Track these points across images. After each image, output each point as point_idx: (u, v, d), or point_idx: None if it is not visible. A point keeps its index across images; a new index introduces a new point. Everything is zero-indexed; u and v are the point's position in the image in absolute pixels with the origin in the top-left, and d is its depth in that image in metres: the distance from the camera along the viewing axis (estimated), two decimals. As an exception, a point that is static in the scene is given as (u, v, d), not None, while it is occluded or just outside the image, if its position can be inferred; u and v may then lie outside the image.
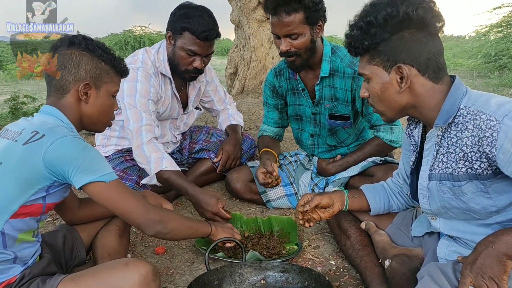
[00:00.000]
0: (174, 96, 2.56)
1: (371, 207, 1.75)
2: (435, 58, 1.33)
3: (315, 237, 2.15)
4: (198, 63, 2.36)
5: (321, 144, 2.46)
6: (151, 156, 2.27)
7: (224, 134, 2.80)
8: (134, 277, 1.31)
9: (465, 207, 1.36)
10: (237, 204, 2.58)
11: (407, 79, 1.33)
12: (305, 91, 2.35)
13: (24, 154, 1.34)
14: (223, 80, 6.69)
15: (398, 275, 1.54)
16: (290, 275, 1.68)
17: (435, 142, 1.39)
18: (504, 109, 1.22)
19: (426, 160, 1.43)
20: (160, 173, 2.25)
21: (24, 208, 1.34)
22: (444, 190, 1.39)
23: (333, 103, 2.30)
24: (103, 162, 1.43)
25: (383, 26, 1.31)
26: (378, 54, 1.35)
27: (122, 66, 1.60)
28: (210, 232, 1.79)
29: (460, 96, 1.32)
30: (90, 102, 1.53)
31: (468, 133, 1.28)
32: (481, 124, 1.24)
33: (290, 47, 2.12)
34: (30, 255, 1.42)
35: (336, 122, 2.33)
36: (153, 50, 2.49)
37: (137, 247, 2.12)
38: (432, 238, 1.57)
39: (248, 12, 5.33)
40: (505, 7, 11.38)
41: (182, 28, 2.31)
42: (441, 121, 1.33)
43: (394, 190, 1.76)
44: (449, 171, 1.36)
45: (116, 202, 1.42)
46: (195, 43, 2.31)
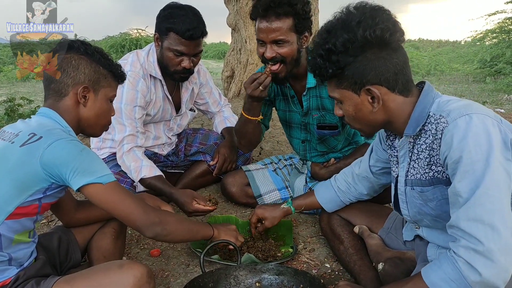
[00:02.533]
0: (166, 98, 2.57)
1: (319, 201, 1.94)
2: (402, 70, 1.32)
3: (311, 240, 2.16)
4: (186, 63, 2.35)
5: (312, 150, 2.45)
6: (131, 166, 2.33)
7: (220, 137, 2.80)
8: (129, 279, 1.31)
9: (434, 214, 1.39)
10: (233, 207, 2.59)
11: (379, 100, 1.33)
12: (294, 98, 2.31)
13: (21, 156, 1.34)
14: (219, 83, 6.70)
15: (391, 278, 1.55)
16: (285, 277, 1.68)
17: (407, 149, 1.42)
18: (458, 112, 1.23)
19: (402, 166, 1.46)
20: (142, 180, 2.32)
21: (20, 209, 1.34)
22: (415, 196, 1.42)
23: (320, 112, 2.26)
24: (100, 164, 1.43)
25: (344, 52, 1.29)
26: (345, 78, 1.33)
27: (119, 71, 1.62)
28: (212, 235, 1.78)
29: (429, 103, 1.33)
30: (88, 105, 1.53)
31: (432, 138, 1.30)
32: (439, 127, 1.26)
33: (276, 53, 2.03)
34: (26, 256, 1.42)
35: (325, 132, 2.30)
36: (143, 53, 2.49)
37: (132, 250, 2.12)
38: (423, 242, 1.57)
39: (244, 15, 5.34)
40: (499, 14, 11.45)
41: (167, 29, 2.31)
42: (410, 130, 1.35)
43: (341, 187, 1.87)
44: (418, 176, 1.39)
45: (114, 203, 1.42)
46: (181, 42, 2.30)
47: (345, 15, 1.32)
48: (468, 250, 1.14)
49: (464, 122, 1.20)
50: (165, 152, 2.72)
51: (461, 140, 1.19)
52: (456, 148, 1.19)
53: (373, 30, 1.27)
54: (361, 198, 1.86)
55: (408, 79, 1.35)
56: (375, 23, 1.27)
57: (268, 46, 2.04)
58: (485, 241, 1.12)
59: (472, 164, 1.16)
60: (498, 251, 1.11)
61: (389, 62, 1.30)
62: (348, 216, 1.89)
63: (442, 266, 1.20)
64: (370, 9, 1.31)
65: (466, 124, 1.20)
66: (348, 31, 1.28)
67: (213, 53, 24.92)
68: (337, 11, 1.36)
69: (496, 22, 11.73)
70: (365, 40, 1.27)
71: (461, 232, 1.17)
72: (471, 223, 1.15)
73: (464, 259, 1.14)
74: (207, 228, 1.78)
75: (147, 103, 2.46)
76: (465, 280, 1.14)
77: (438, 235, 1.45)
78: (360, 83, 1.32)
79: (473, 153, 1.16)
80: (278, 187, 2.49)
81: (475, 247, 1.13)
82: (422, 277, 1.24)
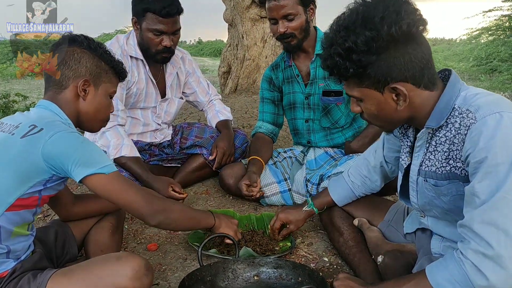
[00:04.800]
0: (150, 81, 2.59)
1: (334, 199, 1.88)
2: (428, 64, 1.25)
3: (309, 234, 2.15)
4: (167, 41, 2.42)
5: (316, 129, 2.53)
6: (111, 142, 2.35)
7: (215, 131, 2.80)
8: (127, 271, 1.30)
9: (446, 208, 1.35)
10: (230, 201, 2.58)
11: (405, 97, 1.25)
12: (299, 76, 2.49)
13: (22, 147, 1.33)
14: (216, 79, 6.68)
15: (391, 270, 1.54)
16: (283, 271, 1.67)
17: (425, 140, 1.36)
18: (488, 109, 1.16)
19: (417, 155, 1.41)
20: (119, 158, 2.33)
21: (21, 200, 1.34)
22: (428, 188, 1.38)
23: (326, 81, 2.43)
24: (102, 154, 1.43)
25: (367, 51, 1.20)
26: (367, 77, 1.24)
27: (121, 68, 1.62)
28: (214, 225, 1.77)
29: (455, 95, 1.26)
30: (88, 99, 1.53)
31: (455, 132, 1.24)
32: (466, 122, 1.20)
33: (287, 28, 2.28)
34: (24, 249, 1.41)
35: (330, 99, 2.43)
36: (123, 36, 2.57)
37: (129, 244, 2.11)
38: (425, 235, 1.56)
39: (241, 10, 5.33)
40: (495, 11, 11.50)
41: (143, 10, 2.38)
42: (433, 122, 1.29)
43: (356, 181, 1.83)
44: (433, 169, 1.34)
45: (118, 193, 1.42)
46: (159, 21, 2.37)
47: (365, 9, 1.22)
48: (477, 254, 1.12)
49: (494, 120, 1.13)
50: (158, 140, 2.72)
51: (488, 140, 1.12)
52: (483, 148, 1.13)
53: (399, 26, 1.17)
54: (374, 190, 1.84)
55: (433, 72, 1.27)
56: (401, 17, 1.18)
57: (280, 22, 2.29)
58: (496, 246, 1.09)
59: (495, 166, 1.11)
60: (509, 258, 1.09)
61: (414, 57, 1.22)
62: (348, 208, 1.88)
63: (449, 266, 1.18)
64: (393, 1, 1.21)
65: (496, 123, 1.13)
66: (371, 28, 1.18)
67: (210, 51, 24.92)
68: (351, 3, 1.26)
69: (492, 19, 11.78)
70: (390, 37, 1.18)
71: (473, 233, 1.14)
72: (485, 226, 1.11)
73: (472, 262, 1.12)
74: (210, 217, 1.77)
75: (127, 81, 2.49)
76: (471, 283, 1.12)
77: (444, 227, 1.43)
78: (384, 81, 1.24)
79: (499, 155, 1.11)
80: (277, 180, 2.48)
81: (484, 251, 1.11)
82: (426, 276, 1.22)
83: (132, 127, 2.63)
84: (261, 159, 2.49)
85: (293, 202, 2.45)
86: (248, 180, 2.33)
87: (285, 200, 2.46)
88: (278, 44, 5.44)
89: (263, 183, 2.45)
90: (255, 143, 2.61)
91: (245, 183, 2.33)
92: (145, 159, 2.63)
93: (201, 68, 18.66)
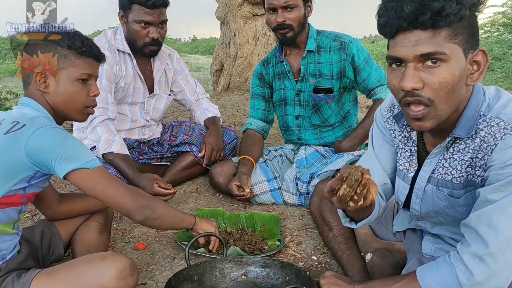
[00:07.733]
0: (138, 76, 2.59)
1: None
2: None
3: (298, 233, 2.15)
4: (154, 33, 2.43)
5: (306, 126, 2.54)
6: (102, 137, 2.35)
7: (204, 128, 2.80)
8: (111, 271, 1.29)
9: (459, 217, 1.26)
10: (220, 200, 2.56)
11: (483, 69, 1.11)
12: (290, 72, 2.49)
13: (5, 144, 1.31)
14: (208, 77, 6.66)
15: (379, 269, 1.54)
16: (271, 270, 1.66)
17: (443, 147, 1.26)
18: None
19: (429, 161, 1.30)
20: (107, 154, 2.33)
21: (5, 198, 1.32)
22: (441, 197, 1.30)
23: (317, 79, 2.43)
24: (85, 149, 1.41)
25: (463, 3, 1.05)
26: (462, 31, 1.07)
27: (80, 44, 1.47)
28: (194, 223, 1.78)
29: (481, 100, 1.16)
30: (51, 91, 1.46)
31: (480, 141, 1.15)
32: (496, 132, 1.12)
33: (286, 19, 2.28)
34: (10, 248, 1.40)
35: (320, 96, 2.43)
36: (110, 31, 2.58)
37: (117, 244, 2.10)
38: (415, 235, 1.56)
39: (234, 8, 5.31)
40: (489, 7, 11.55)
41: (129, 2, 2.40)
42: (462, 131, 1.17)
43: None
44: (449, 178, 1.26)
45: (102, 188, 1.40)
46: (145, 12, 2.39)
47: None
48: (473, 257, 1.12)
49: None
50: (146, 136, 2.72)
51: None
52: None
53: None
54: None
55: None
56: None
57: (279, 11, 2.28)
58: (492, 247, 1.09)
59: None
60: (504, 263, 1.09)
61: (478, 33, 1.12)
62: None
63: (440, 270, 1.18)
64: None
65: None
66: None
67: (204, 49, 24.86)
68: None
69: (487, 16, 11.83)
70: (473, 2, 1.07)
71: (475, 235, 1.13)
72: (490, 230, 1.10)
73: (466, 266, 1.12)
74: (190, 216, 1.79)
75: (115, 75, 2.49)
76: (460, 287, 1.13)
77: (447, 227, 1.39)
78: (474, 41, 1.10)
79: None
80: (267, 178, 2.48)
81: (481, 253, 1.11)
82: (416, 277, 1.22)
83: (120, 123, 2.61)
84: (252, 158, 2.48)
85: (283, 200, 2.44)
86: (238, 181, 2.33)
87: (274, 198, 2.46)
88: (270, 42, 5.43)
89: (253, 182, 2.45)
90: (245, 141, 2.60)
91: (235, 184, 2.32)
92: (134, 158, 2.62)
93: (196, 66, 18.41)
